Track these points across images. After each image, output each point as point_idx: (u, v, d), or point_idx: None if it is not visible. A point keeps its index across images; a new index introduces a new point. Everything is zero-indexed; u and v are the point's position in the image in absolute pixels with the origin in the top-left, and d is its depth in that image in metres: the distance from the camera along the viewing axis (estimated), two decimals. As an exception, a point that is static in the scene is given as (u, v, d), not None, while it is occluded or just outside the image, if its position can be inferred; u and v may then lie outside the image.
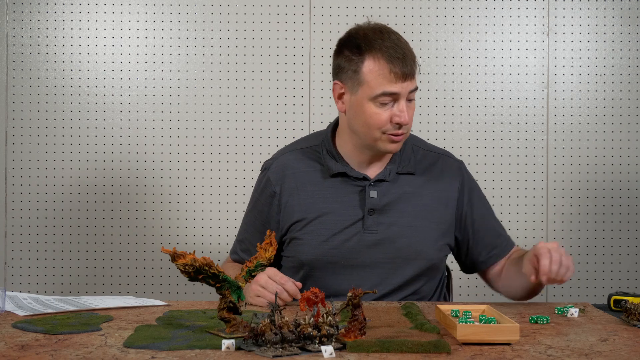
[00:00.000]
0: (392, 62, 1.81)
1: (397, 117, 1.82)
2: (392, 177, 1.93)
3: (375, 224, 1.91)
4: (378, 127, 1.84)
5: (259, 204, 2.02)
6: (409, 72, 1.82)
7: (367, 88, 1.84)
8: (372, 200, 1.91)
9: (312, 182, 1.96)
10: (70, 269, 3.10)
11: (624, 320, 1.56)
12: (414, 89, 1.85)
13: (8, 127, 3.09)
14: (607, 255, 3.09)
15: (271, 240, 1.48)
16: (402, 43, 1.86)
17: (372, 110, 1.84)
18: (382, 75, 1.81)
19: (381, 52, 1.83)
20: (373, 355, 1.26)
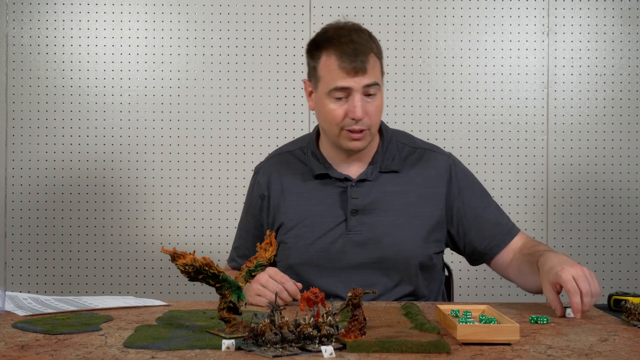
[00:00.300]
0: (342, 58, 1.82)
1: (351, 112, 1.83)
2: (374, 176, 1.92)
3: (358, 224, 1.90)
4: (335, 123, 1.85)
5: (252, 208, 2.04)
6: (360, 67, 1.82)
7: (323, 83, 1.86)
8: (354, 201, 1.90)
9: (298, 185, 1.97)
10: (70, 269, 3.10)
11: (624, 320, 1.56)
12: (370, 84, 1.83)
13: (8, 127, 3.09)
14: (607, 255, 3.09)
15: (271, 240, 1.48)
16: (360, 39, 1.86)
17: (329, 106, 1.85)
18: (333, 70, 1.83)
19: (333, 48, 1.84)
20: (373, 355, 1.26)
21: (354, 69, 1.82)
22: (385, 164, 1.94)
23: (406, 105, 3.08)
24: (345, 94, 1.83)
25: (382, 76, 1.91)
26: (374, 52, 1.88)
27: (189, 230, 3.09)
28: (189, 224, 3.09)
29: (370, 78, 1.84)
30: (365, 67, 1.83)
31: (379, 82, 1.87)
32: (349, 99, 1.84)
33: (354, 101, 1.83)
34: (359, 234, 1.90)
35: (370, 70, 1.83)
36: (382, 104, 1.89)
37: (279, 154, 2.05)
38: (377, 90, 1.86)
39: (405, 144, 1.99)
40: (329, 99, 1.85)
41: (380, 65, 1.91)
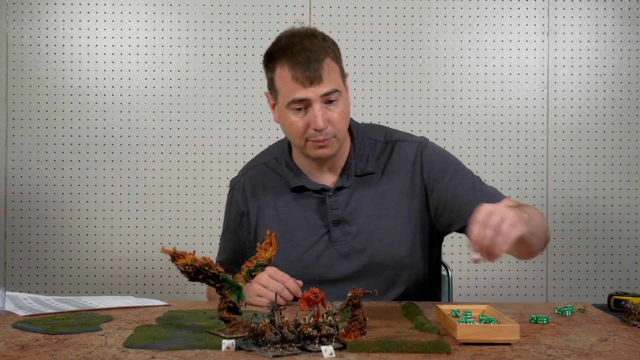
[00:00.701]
0: (295, 68, 1.74)
1: (312, 122, 1.75)
2: (350, 182, 1.85)
3: (342, 235, 1.85)
4: (299, 136, 1.78)
5: (231, 225, 1.99)
6: (315, 76, 1.73)
7: (281, 96, 1.79)
8: (334, 211, 1.84)
9: (276, 199, 1.90)
10: (70, 269, 3.10)
11: (624, 320, 1.56)
12: (329, 92, 1.75)
13: (8, 127, 3.09)
14: (607, 255, 3.09)
15: (271, 240, 1.48)
16: (312, 45, 1.76)
17: (290, 119, 1.78)
18: (288, 82, 1.76)
19: (285, 59, 1.76)
20: (373, 355, 1.26)
21: (308, 78, 1.73)
22: (360, 167, 1.86)
23: (406, 105, 3.08)
24: (304, 105, 1.76)
25: (343, 79, 1.83)
26: (330, 56, 1.78)
27: (189, 230, 3.09)
28: (189, 224, 3.09)
29: (328, 86, 1.75)
30: (320, 76, 1.74)
31: (339, 88, 1.78)
32: (308, 109, 1.76)
33: (313, 112, 1.75)
34: (344, 244, 1.84)
35: (326, 77, 1.75)
36: (345, 109, 1.80)
37: (254, 167, 1.99)
38: (338, 96, 1.78)
39: (377, 141, 1.90)
40: (289, 111, 1.77)
41: (340, 68, 1.81)
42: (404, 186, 1.86)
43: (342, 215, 1.85)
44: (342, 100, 1.79)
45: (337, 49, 1.83)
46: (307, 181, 1.87)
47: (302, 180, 1.88)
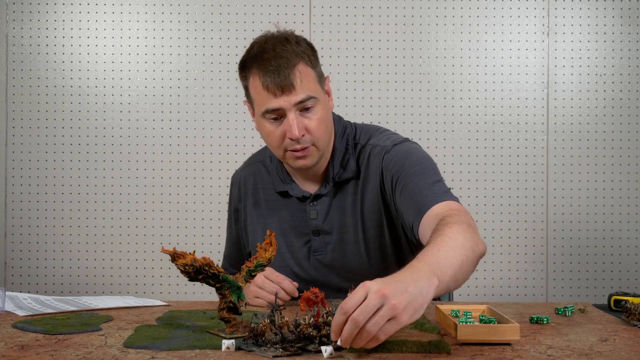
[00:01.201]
0: (265, 77, 1.67)
1: (287, 132, 1.68)
2: (328, 190, 1.80)
3: (322, 245, 1.82)
4: (276, 146, 1.73)
5: (231, 220, 2.01)
6: (286, 84, 1.65)
7: (256, 106, 1.73)
8: (313, 221, 1.81)
9: (266, 201, 1.89)
10: (70, 269, 3.10)
11: (624, 320, 1.56)
12: (303, 99, 1.67)
13: (8, 127, 3.09)
14: (607, 255, 3.09)
15: (271, 240, 1.48)
16: (284, 52, 1.68)
17: (267, 129, 1.72)
18: (260, 91, 1.69)
19: (257, 67, 1.69)
20: (373, 355, 1.26)
21: (278, 87, 1.66)
22: (340, 173, 1.80)
23: (406, 105, 3.08)
24: (279, 115, 1.69)
25: (321, 83, 1.74)
26: (304, 61, 1.69)
27: (189, 230, 3.09)
28: (189, 224, 3.09)
29: (301, 94, 1.67)
30: (292, 83, 1.66)
31: (315, 95, 1.70)
32: (284, 119, 1.69)
33: (288, 121, 1.68)
34: (324, 255, 1.82)
35: (299, 84, 1.67)
36: (324, 115, 1.72)
37: (252, 164, 1.98)
38: (314, 103, 1.69)
39: (358, 143, 1.82)
40: (265, 121, 1.71)
41: (316, 73, 1.72)
42: (372, 194, 1.79)
43: (321, 226, 1.82)
44: (319, 107, 1.71)
45: (312, 52, 1.74)
46: (291, 187, 1.84)
47: (286, 186, 1.85)
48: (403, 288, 1.18)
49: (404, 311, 1.17)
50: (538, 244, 3.09)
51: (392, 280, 1.20)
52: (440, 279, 1.27)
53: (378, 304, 1.16)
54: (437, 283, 1.25)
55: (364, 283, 1.19)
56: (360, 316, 1.15)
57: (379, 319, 1.15)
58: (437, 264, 1.30)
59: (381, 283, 1.18)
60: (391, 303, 1.16)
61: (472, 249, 1.42)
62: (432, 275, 1.25)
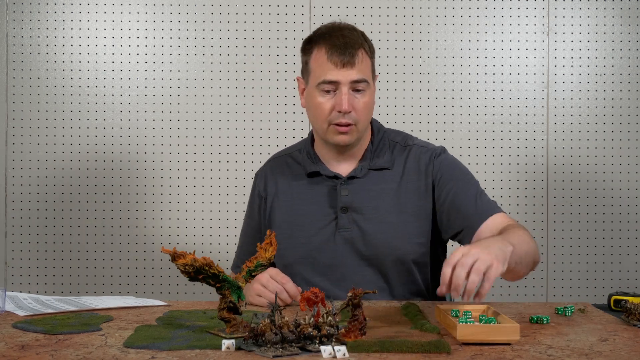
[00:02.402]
0: (331, 50, 1.84)
1: (337, 104, 1.84)
2: (364, 174, 1.93)
3: (349, 222, 1.91)
4: (323, 117, 1.86)
5: (253, 212, 2.07)
6: (348, 61, 1.83)
7: (313, 77, 1.89)
8: (343, 198, 1.91)
9: (290, 185, 1.99)
10: (70, 269, 3.10)
11: (624, 320, 1.56)
12: (359, 80, 1.85)
13: (8, 127, 3.09)
14: (607, 255, 3.09)
15: (271, 240, 1.48)
16: (350, 34, 1.88)
17: (318, 100, 1.87)
18: (323, 62, 1.85)
19: (324, 42, 1.86)
20: (373, 355, 1.26)
21: (341, 61, 1.83)
22: (375, 161, 1.94)
23: (406, 105, 3.08)
24: (334, 87, 1.85)
25: (373, 76, 1.92)
26: (365, 49, 1.88)
27: (189, 230, 3.09)
28: (189, 224, 3.09)
29: (358, 74, 1.85)
30: (354, 61, 1.84)
31: (368, 80, 1.87)
32: (336, 92, 1.85)
33: (340, 94, 1.83)
34: (349, 231, 1.90)
35: (358, 64, 1.85)
36: (371, 102, 1.89)
37: (277, 157, 2.08)
38: (366, 87, 1.87)
39: (397, 142, 1.99)
40: (318, 92, 1.86)
41: (372, 64, 1.91)
42: (415, 186, 1.92)
43: (351, 203, 1.91)
44: (368, 92, 1.87)
45: (372, 48, 1.92)
46: (323, 168, 1.95)
47: (317, 167, 1.95)
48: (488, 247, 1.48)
49: (495, 260, 1.44)
50: (538, 244, 3.08)
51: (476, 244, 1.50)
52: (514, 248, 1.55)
53: (474, 258, 1.42)
54: (512, 248, 1.53)
55: (458, 248, 1.46)
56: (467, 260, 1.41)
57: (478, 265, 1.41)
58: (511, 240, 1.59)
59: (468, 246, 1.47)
60: (482, 256, 1.43)
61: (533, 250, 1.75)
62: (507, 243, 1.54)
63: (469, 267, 1.41)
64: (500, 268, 1.44)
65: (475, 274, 1.41)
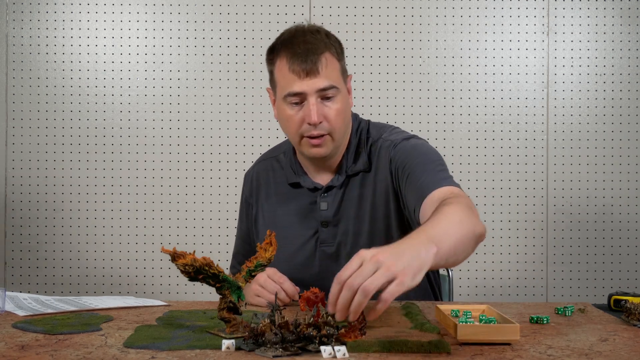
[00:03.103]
0: (292, 60, 1.72)
1: (306, 116, 1.73)
2: (340, 182, 1.83)
3: (330, 236, 1.84)
4: (294, 130, 1.76)
5: (243, 215, 2.03)
6: (311, 69, 1.71)
7: (279, 89, 1.78)
8: (322, 212, 1.83)
9: (277, 194, 1.91)
10: (70, 269, 3.10)
11: (624, 320, 1.56)
12: (325, 87, 1.72)
13: (8, 127, 3.09)
14: (607, 255, 3.09)
15: (271, 240, 1.48)
16: (314, 39, 1.74)
17: (287, 113, 1.76)
18: (286, 74, 1.73)
19: (285, 50, 1.74)
20: (373, 355, 1.26)
21: (304, 70, 1.71)
22: (352, 167, 1.83)
23: (406, 105, 3.08)
24: (300, 99, 1.73)
25: (344, 78, 1.79)
26: (331, 52, 1.75)
27: (189, 230, 3.09)
28: (189, 224, 3.09)
29: (324, 81, 1.72)
30: (317, 68, 1.71)
31: (337, 85, 1.75)
32: (304, 103, 1.73)
33: (308, 105, 1.72)
34: (331, 246, 1.84)
35: (323, 71, 1.72)
36: (343, 107, 1.76)
37: (265, 160, 2.01)
38: (335, 93, 1.74)
39: (370, 137, 1.86)
40: (286, 105, 1.76)
41: (340, 66, 1.78)
42: (385, 185, 1.81)
43: (330, 217, 1.84)
44: (339, 98, 1.75)
45: (340, 47, 1.80)
46: (303, 179, 1.87)
47: (298, 178, 1.88)
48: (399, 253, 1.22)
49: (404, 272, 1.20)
50: (538, 244, 3.09)
51: (387, 248, 1.24)
52: (438, 247, 1.29)
53: (374, 269, 1.18)
54: (435, 250, 1.28)
55: (359, 252, 1.22)
56: (355, 280, 1.17)
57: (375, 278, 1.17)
58: (436, 234, 1.34)
59: (375, 250, 1.22)
60: (387, 265, 1.19)
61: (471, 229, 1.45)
62: (429, 242, 1.29)
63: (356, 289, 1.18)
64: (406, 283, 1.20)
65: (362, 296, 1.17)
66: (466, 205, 1.51)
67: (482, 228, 1.51)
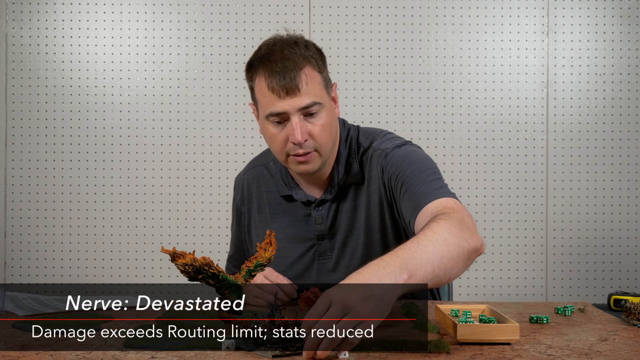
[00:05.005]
0: (271, 78, 1.66)
1: (290, 136, 1.67)
2: (333, 195, 1.79)
3: (327, 249, 1.82)
4: (280, 149, 1.70)
5: (235, 222, 2.01)
6: (291, 87, 1.64)
7: (260, 108, 1.72)
8: (318, 226, 1.81)
9: (269, 204, 1.88)
10: (70, 269, 3.10)
11: (624, 320, 1.56)
12: (308, 105, 1.66)
13: (8, 127, 3.09)
14: (607, 255, 3.09)
15: (271, 240, 1.47)
16: (292, 54, 1.68)
17: (271, 132, 1.70)
18: (265, 93, 1.67)
19: (263, 68, 1.68)
20: (373, 355, 1.26)
21: (283, 88, 1.64)
22: (344, 178, 1.78)
23: (406, 105, 3.08)
24: (282, 118, 1.67)
25: (327, 89, 1.72)
26: (311, 65, 1.69)
27: (189, 230, 3.09)
28: (189, 224, 3.09)
29: (306, 98, 1.65)
30: (297, 86, 1.64)
31: (320, 101, 1.68)
32: (287, 122, 1.67)
33: (291, 125, 1.66)
34: (329, 259, 1.82)
35: (304, 88, 1.65)
36: (328, 122, 1.69)
37: (255, 167, 1.96)
38: (319, 109, 1.68)
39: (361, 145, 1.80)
40: (269, 124, 1.70)
41: (323, 78, 1.71)
42: (378, 196, 1.77)
43: (326, 230, 1.81)
44: (324, 113, 1.69)
45: (321, 57, 1.74)
46: (295, 191, 1.82)
47: (290, 190, 1.83)
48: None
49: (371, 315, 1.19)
50: (538, 244, 3.09)
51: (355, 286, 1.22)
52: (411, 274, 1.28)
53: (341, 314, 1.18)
54: (406, 277, 1.27)
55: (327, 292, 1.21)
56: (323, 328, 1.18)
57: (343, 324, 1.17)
58: (412, 258, 1.31)
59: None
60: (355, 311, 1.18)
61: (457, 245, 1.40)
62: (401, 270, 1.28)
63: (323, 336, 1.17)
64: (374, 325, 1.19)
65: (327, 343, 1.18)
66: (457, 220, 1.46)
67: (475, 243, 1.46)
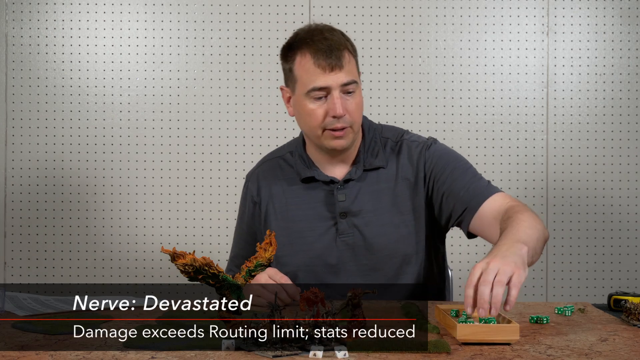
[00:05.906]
0: (317, 55, 1.79)
1: (331, 110, 1.80)
2: (358, 175, 1.89)
3: (349, 227, 1.88)
4: (317, 124, 1.82)
5: (245, 216, 2.03)
6: (336, 64, 1.79)
7: (300, 85, 1.83)
8: (341, 203, 1.88)
9: (285, 190, 1.94)
10: (70, 269, 3.10)
11: (624, 320, 1.56)
12: (348, 82, 1.80)
13: (8, 127, 3.09)
14: (607, 255, 3.09)
15: (271, 240, 1.48)
16: (333, 36, 1.83)
17: (309, 107, 1.82)
18: (309, 69, 1.80)
19: (307, 47, 1.81)
20: (373, 355, 1.26)
21: (329, 65, 1.79)
22: (369, 161, 1.90)
23: (406, 105, 3.08)
24: (324, 93, 1.81)
25: (358, 75, 1.88)
26: (349, 49, 1.84)
27: (189, 230, 3.09)
28: (189, 224, 3.09)
29: (347, 76, 1.80)
30: (342, 63, 1.80)
31: (357, 80, 1.84)
32: (327, 97, 1.81)
33: (333, 99, 1.79)
34: (350, 236, 1.88)
35: (346, 66, 1.81)
36: (361, 101, 1.86)
37: (269, 160, 2.03)
38: (355, 87, 1.83)
39: (388, 139, 1.95)
40: (308, 100, 1.82)
41: (356, 63, 1.87)
42: (409, 183, 1.89)
43: (349, 208, 1.88)
44: (358, 92, 1.84)
45: (353, 46, 1.88)
46: (317, 172, 1.91)
47: (312, 172, 1.91)
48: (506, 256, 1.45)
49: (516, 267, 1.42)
50: (538, 244, 3.08)
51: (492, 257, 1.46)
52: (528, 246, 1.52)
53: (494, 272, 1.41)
54: (526, 248, 1.50)
55: (476, 265, 1.46)
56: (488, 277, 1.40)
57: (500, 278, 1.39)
58: (520, 237, 1.55)
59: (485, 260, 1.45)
60: (503, 267, 1.41)
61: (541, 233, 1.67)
62: (520, 245, 1.50)
63: (491, 283, 1.39)
64: (522, 275, 1.43)
65: (498, 286, 1.38)
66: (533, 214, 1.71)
67: (547, 232, 1.73)
